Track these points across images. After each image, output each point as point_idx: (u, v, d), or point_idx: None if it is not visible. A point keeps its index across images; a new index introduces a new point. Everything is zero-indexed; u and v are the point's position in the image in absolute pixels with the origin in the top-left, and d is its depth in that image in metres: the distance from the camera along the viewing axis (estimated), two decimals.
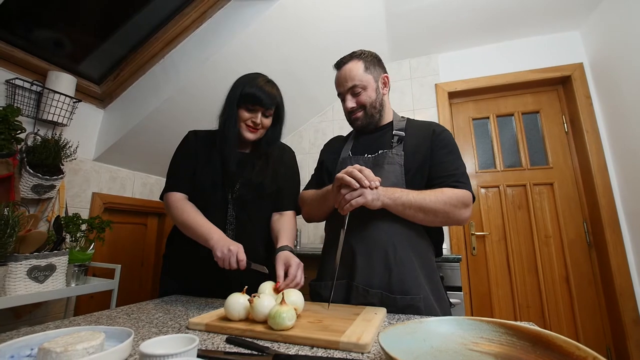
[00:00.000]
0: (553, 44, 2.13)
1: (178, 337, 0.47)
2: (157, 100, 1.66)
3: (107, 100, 1.79)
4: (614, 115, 1.86)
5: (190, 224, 0.92)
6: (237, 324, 0.63)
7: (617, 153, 1.85)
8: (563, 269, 1.98)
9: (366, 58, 0.97)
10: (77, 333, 0.49)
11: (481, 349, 0.48)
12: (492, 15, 1.99)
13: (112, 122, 1.76)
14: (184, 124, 1.82)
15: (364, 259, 0.84)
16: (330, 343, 0.54)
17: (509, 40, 2.23)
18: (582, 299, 1.92)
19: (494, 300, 2.06)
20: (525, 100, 2.24)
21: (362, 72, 0.95)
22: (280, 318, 0.58)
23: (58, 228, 1.32)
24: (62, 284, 1.22)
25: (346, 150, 1.03)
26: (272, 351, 0.51)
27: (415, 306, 0.77)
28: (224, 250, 0.81)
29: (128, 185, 1.97)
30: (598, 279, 1.91)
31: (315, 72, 2.14)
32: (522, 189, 2.15)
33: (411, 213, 0.82)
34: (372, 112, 0.96)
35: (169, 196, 1.00)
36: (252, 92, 0.96)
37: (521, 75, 2.17)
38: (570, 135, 2.10)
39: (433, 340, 0.49)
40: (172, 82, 1.64)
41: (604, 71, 1.92)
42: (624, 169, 1.80)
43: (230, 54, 1.60)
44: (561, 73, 2.09)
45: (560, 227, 2.02)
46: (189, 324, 0.65)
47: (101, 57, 1.69)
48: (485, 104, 2.34)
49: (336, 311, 0.73)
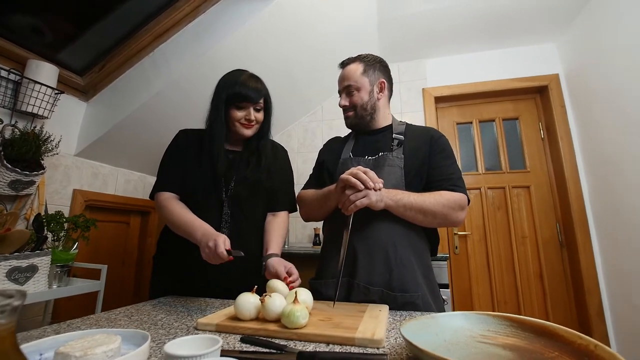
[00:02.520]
0: (532, 55, 2.27)
1: (200, 337, 0.47)
2: (146, 94, 1.60)
3: (90, 93, 1.70)
4: (586, 124, 2.01)
5: (178, 222, 0.92)
6: (249, 324, 0.63)
7: (588, 160, 2.00)
8: (537, 267, 2.11)
9: (368, 62, 1.00)
10: (91, 336, 0.47)
11: (489, 341, 0.51)
12: (477, 25, 2.09)
13: (95, 116, 1.68)
14: (175, 119, 1.78)
15: (365, 258, 0.87)
16: (346, 339, 0.55)
17: (491, 50, 2.34)
18: (553, 295, 2.05)
19: (475, 297, 2.17)
20: (506, 107, 2.37)
21: (359, 74, 0.98)
22: (294, 317, 0.59)
23: (38, 227, 1.25)
24: (44, 285, 1.15)
25: (346, 152, 1.05)
26: (291, 349, 0.52)
27: (414, 303, 0.81)
28: (205, 249, 0.81)
29: (110, 182, 1.89)
30: (568, 276, 2.05)
31: (308, 72, 2.15)
32: (501, 191, 2.27)
33: (411, 214, 0.85)
34: (362, 113, 0.99)
35: (158, 196, 0.99)
36: (238, 90, 0.96)
37: (502, 84, 2.29)
38: (546, 141, 2.25)
39: (445, 334, 0.52)
40: (163, 76, 1.59)
41: (577, 82, 2.06)
42: (594, 175, 1.95)
43: (226, 50, 1.57)
44: (539, 83, 2.22)
45: (536, 228, 2.16)
46: (198, 324, 0.64)
47: (85, 46, 1.61)
48: (469, 109, 2.45)
49: (342, 309, 0.75)
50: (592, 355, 0.41)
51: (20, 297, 0.29)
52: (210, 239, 0.81)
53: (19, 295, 0.29)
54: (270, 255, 0.93)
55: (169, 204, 0.96)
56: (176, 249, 1.04)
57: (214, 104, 1.01)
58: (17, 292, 0.30)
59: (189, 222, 0.91)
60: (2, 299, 0.27)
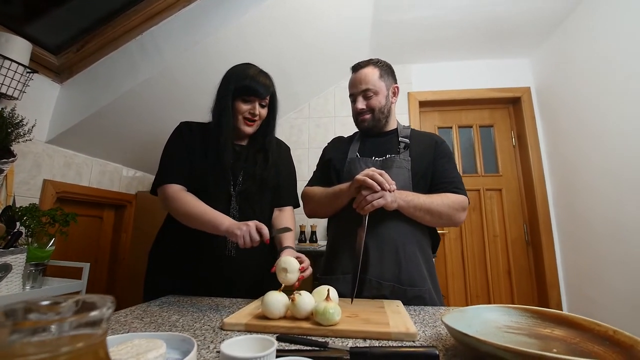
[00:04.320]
0: (508, 68, 2.45)
1: (252, 338, 0.46)
2: (132, 81, 1.49)
3: (65, 74, 1.55)
4: (552, 135, 2.22)
5: (196, 214, 0.88)
6: (279, 322, 0.62)
7: (553, 167, 2.21)
8: (506, 264, 2.30)
9: (382, 67, 1.02)
10: (131, 342, 0.44)
11: (514, 331, 0.56)
12: (462, 37, 2.21)
13: (71, 100, 1.53)
14: (163, 109, 1.68)
15: (376, 255, 0.90)
16: (383, 334, 0.57)
17: (472, 61, 2.49)
18: (519, 289, 2.25)
19: (450, 292, 2.31)
20: (483, 115, 2.54)
21: (377, 78, 1.01)
22: (329, 314, 0.59)
23: (9, 221, 1.12)
24: (19, 286, 1.04)
25: (353, 152, 1.07)
26: (336, 346, 0.53)
27: (422, 297, 0.87)
28: (242, 227, 0.79)
29: (85, 172, 1.74)
30: (533, 272, 2.26)
31: (299, 68, 2.13)
32: (476, 193, 2.43)
33: (420, 214, 0.90)
34: (380, 116, 1.02)
35: (166, 188, 0.94)
36: (247, 83, 0.96)
37: (481, 93, 2.44)
38: (517, 148, 2.44)
39: (476, 326, 0.56)
40: (153, 62, 1.49)
41: (547, 96, 2.27)
42: (558, 181, 2.16)
43: (224, 40, 1.51)
44: (513, 94, 2.41)
45: (506, 228, 2.34)
46: (224, 324, 0.62)
47: (62, 22, 1.46)
48: (450, 114, 2.59)
49: (361, 305, 0.76)
50: (612, 339, 0.47)
51: (112, 304, 0.27)
52: (241, 224, 0.80)
53: (110, 303, 0.27)
54: (286, 247, 0.92)
55: (182, 195, 0.92)
56: (177, 247, 1.00)
57: (220, 95, 1.00)
58: (107, 299, 0.28)
59: (210, 212, 0.87)
60: (99, 308, 0.25)
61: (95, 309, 0.24)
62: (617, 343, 0.46)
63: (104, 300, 0.27)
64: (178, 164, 0.97)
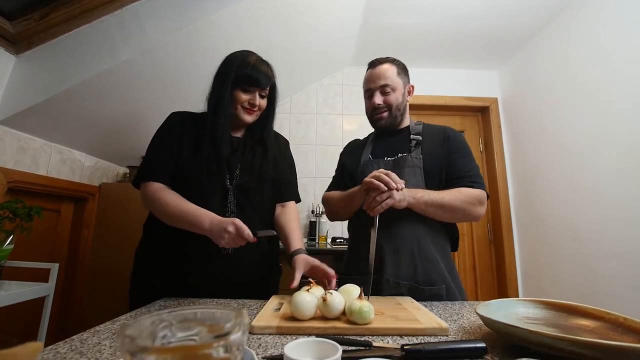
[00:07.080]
0: (478, 79, 2.64)
1: (313, 341, 0.44)
2: (110, 60, 1.33)
3: (23, 44, 1.33)
4: (515, 143, 2.44)
5: (177, 213, 0.84)
6: (311, 323, 0.61)
7: (515, 172, 2.44)
8: (472, 260, 2.49)
9: (399, 65, 1.04)
10: None
11: (533, 321, 0.61)
12: (441, 45, 2.34)
13: (30, 76, 1.33)
14: (142, 95, 1.53)
15: (392, 255, 0.91)
16: (418, 330, 0.59)
17: (449, 69, 2.64)
18: (483, 283, 2.45)
19: None
20: (455, 121, 2.71)
21: (395, 75, 1.02)
22: (365, 312, 0.59)
23: None
24: None
25: (366, 154, 1.08)
26: (382, 345, 0.53)
27: (439, 294, 0.89)
28: (223, 235, 0.77)
29: (42, 160, 1.52)
30: (494, 267, 2.48)
31: (286, 62, 2.08)
32: None
33: (432, 211, 0.91)
34: (397, 113, 1.04)
35: (146, 186, 0.89)
36: (250, 72, 0.92)
37: (454, 100, 2.61)
38: (484, 154, 2.65)
39: (500, 318, 0.60)
40: (134, 41, 1.34)
41: (511, 106, 2.49)
42: (519, 185, 2.39)
43: (217, 25, 1.42)
44: (482, 103, 2.61)
45: (472, 227, 2.54)
46: (253, 328, 0.59)
47: None
48: (424, 118, 2.65)
49: (381, 303, 0.77)
50: (624, 325, 0.53)
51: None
52: (226, 224, 0.77)
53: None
54: (297, 250, 0.90)
55: (162, 195, 0.87)
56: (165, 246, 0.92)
57: (218, 82, 0.94)
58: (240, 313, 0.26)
59: (191, 211, 0.83)
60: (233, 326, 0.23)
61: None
62: (630, 329, 0.52)
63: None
64: (163, 158, 0.90)
